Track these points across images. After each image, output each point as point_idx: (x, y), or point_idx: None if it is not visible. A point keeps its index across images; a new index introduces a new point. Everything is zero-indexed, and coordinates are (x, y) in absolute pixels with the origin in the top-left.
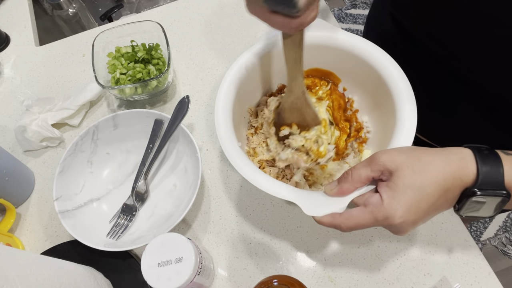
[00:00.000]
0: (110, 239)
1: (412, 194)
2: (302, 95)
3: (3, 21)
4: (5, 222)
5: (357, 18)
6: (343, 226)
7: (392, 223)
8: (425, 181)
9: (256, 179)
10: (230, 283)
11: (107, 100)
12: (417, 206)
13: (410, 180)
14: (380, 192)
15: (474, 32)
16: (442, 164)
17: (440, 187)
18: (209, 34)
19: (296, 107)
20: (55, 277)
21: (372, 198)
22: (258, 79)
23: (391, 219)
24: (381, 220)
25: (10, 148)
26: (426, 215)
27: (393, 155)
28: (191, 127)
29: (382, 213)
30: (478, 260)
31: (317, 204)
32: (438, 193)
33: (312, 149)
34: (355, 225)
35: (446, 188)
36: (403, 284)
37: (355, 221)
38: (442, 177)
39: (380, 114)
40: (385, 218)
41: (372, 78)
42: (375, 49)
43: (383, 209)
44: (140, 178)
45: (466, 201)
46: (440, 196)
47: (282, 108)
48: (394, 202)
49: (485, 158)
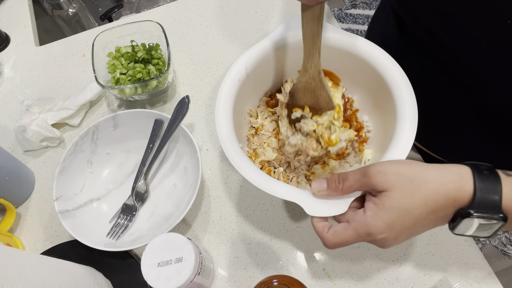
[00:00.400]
0: (110, 239)
1: (397, 214)
2: (318, 75)
3: (3, 21)
4: (5, 222)
5: (357, 18)
6: (328, 243)
7: (374, 239)
8: (414, 203)
9: (257, 179)
10: (230, 283)
11: (107, 100)
12: (401, 224)
13: (398, 202)
14: (365, 207)
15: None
16: (436, 186)
17: (430, 208)
18: (209, 34)
19: (311, 87)
20: (55, 277)
21: (356, 215)
22: (259, 80)
23: (373, 236)
24: (363, 236)
25: (10, 148)
26: (411, 233)
27: (386, 176)
28: (191, 127)
29: (364, 230)
30: (478, 260)
31: (319, 204)
32: (426, 214)
33: (323, 136)
34: (339, 242)
35: (436, 209)
36: (403, 284)
37: (340, 237)
38: (434, 199)
39: (380, 113)
40: (368, 234)
41: (372, 77)
42: (375, 49)
43: (366, 226)
44: (140, 178)
45: (460, 221)
46: (428, 216)
47: (295, 88)
48: (377, 219)
49: (483, 179)
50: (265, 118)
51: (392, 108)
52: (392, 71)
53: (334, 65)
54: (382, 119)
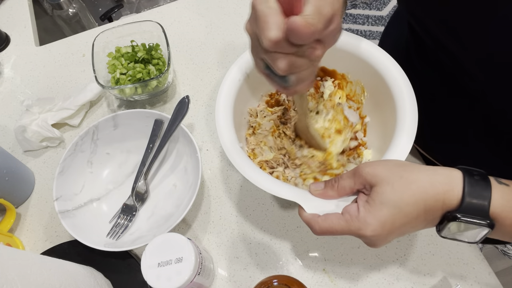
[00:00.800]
0: (110, 239)
1: (387, 211)
2: (306, 129)
3: (3, 21)
4: (5, 222)
5: (357, 18)
6: (316, 226)
7: (364, 235)
8: (404, 199)
9: (258, 179)
10: (230, 283)
11: (107, 100)
12: (392, 223)
13: (387, 197)
14: (358, 204)
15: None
16: (425, 185)
17: (420, 208)
18: (209, 34)
19: (303, 133)
20: (55, 277)
21: (350, 207)
22: (259, 79)
23: (363, 231)
24: (354, 230)
25: (10, 148)
26: (400, 232)
27: (375, 170)
28: (191, 127)
29: (355, 225)
30: (478, 260)
31: (319, 204)
32: (416, 213)
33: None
34: (328, 228)
35: (426, 209)
36: (403, 284)
37: (330, 224)
38: (423, 198)
39: (380, 114)
40: (358, 229)
41: (372, 77)
42: (376, 49)
43: (357, 221)
44: (140, 178)
45: (446, 224)
46: (418, 216)
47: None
48: (369, 216)
49: (473, 184)
50: (264, 117)
51: (392, 109)
52: (392, 70)
53: (334, 64)
54: (382, 120)
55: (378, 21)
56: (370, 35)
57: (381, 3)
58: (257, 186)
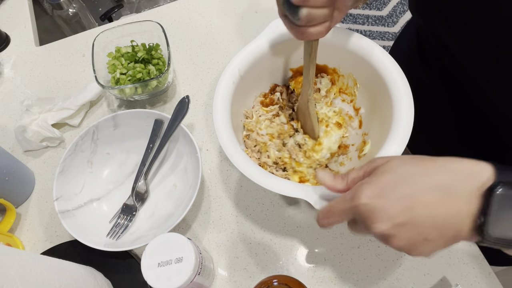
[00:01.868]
0: (110, 239)
1: (388, 176)
2: (306, 103)
3: (3, 21)
4: (5, 222)
5: (357, 18)
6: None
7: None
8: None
9: (259, 178)
10: (230, 283)
11: (107, 100)
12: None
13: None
14: None
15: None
16: (443, 162)
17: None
18: (209, 34)
19: (301, 110)
20: (55, 277)
21: None
22: (253, 80)
23: (356, 199)
24: (348, 199)
25: (10, 148)
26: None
27: (389, 157)
28: (191, 127)
29: (350, 192)
30: (478, 260)
31: (326, 199)
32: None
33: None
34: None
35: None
36: (403, 284)
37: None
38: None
39: (378, 112)
40: (352, 197)
41: (370, 76)
42: (375, 48)
43: (353, 188)
44: (140, 178)
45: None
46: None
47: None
48: (364, 183)
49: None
50: (259, 116)
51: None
52: (390, 69)
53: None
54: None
55: (378, 21)
56: (370, 35)
57: (381, 3)
58: (258, 186)
